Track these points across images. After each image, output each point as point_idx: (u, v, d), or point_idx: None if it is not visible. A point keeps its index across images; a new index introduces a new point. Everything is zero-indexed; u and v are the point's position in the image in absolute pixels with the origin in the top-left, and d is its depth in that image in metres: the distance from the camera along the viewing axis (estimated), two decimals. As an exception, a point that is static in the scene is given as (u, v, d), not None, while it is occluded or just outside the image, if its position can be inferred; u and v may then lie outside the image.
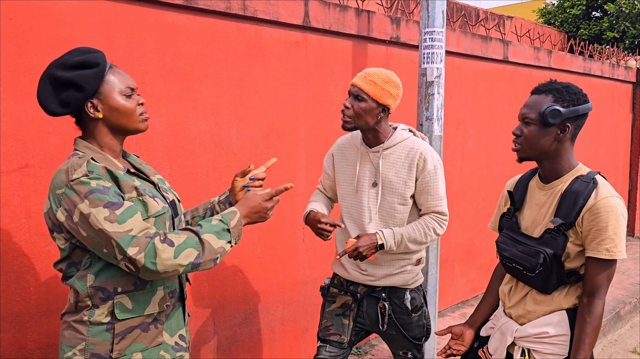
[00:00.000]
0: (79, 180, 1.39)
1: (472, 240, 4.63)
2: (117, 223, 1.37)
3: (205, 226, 1.48)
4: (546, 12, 10.29)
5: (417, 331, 2.21)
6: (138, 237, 1.38)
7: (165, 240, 1.40)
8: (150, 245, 1.37)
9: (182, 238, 1.42)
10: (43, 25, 2.11)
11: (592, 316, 1.60)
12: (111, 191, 1.41)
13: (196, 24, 2.59)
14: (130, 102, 1.52)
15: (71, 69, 1.45)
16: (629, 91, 7.02)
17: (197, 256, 1.42)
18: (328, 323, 2.23)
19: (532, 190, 1.80)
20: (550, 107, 1.63)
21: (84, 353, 1.49)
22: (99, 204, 1.37)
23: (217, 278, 2.79)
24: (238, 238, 1.53)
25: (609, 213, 1.57)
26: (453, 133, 4.27)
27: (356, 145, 2.17)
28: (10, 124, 2.05)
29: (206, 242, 1.44)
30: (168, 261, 1.38)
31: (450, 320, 4.19)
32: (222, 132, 2.74)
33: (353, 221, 2.17)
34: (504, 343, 1.79)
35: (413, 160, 2.07)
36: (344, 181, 2.20)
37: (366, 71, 2.05)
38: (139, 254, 1.36)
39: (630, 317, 4.63)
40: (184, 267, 1.41)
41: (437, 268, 3.15)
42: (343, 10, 3.23)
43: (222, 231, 1.49)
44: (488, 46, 4.49)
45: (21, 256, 2.12)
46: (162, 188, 1.66)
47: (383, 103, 2.01)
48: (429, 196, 2.09)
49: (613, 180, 6.82)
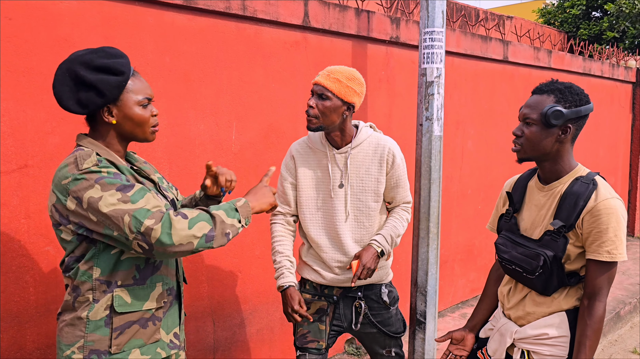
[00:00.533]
0: (89, 169, 1.41)
1: (471, 240, 4.63)
2: (130, 202, 1.39)
3: (214, 207, 1.51)
4: (546, 12, 10.29)
5: (397, 326, 2.21)
6: (153, 211, 1.40)
7: (179, 213, 1.43)
8: (165, 216, 1.40)
9: (195, 213, 1.45)
10: (42, 26, 2.10)
11: (593, 318, 1.59)
12: (122, 177, 1.44)
13: (196, 24, 2.58)
14: (145, 113, 1.54)
15: (95, 71, 1.45)
16: (629, 91, 7.02)
17: (211, 230, 1.45)
18: (304, 330, 2.18)
19: (531, 191, 1.79)
20: (552, 107, 1.61)
21: (83, 350, 1.49)
22: (111, 187, 1.39)
23: (216, 279, 2.79)
24: (247, 219, 1.56)
25: (609, 215, 1.56)
26: (453, 134, 4.26)
27: (318, 148, 2.10)
28: (9, 124, 2.05)
29: (217, 216, 1.47)
30: (183, 232, 1.39)
31: (450, 320, 4.19)
32: (221, 132, 2.73)
33: (320, 226, 2.11)
34: (503, 344, 1.78)
35: (382, 156, 2.06)
36: (307, 187, 2.12)
37: (328, 69, 1.99)
38: (156, 224, 1.37)
39: (630, 317, 4.63)
40: (198, 239, 1.42)
41: (436, 269, 3.15)
42: (343, 10, 3.22)
43: (231, 210, 1.52)
44: (488, 46, 4.49)
45: (20, 256, 2.11)
46: (162, 187, 1.67)
47: (348, 101, 1.97)
48: (400, 189, 2.12)
49: (613, 180, 6.82)
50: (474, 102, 4.48)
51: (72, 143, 2.21)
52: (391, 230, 2.10)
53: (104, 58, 1.47)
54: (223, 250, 2.79)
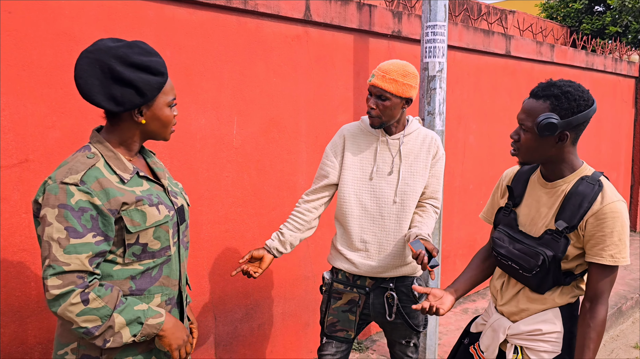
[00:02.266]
0: (67, 186, 1.34)
1: (473, 235, 4.62)
2: (62, 250, 1.32)
3: (128, 306, 1.41)
4: (548, 7, 10.23)
5: (420, 319, 2.24)
6: (67, 273, 1.33)
7: (88, 296, 1.35)
8: (69, 291, 1.33)
9: (99, 304, 1.36)
10: (42, 19, 2.09)
11: (595, 321, 1.57)
12: (85, 216, 1.35)
13: (196, 18, 2.57)
14: (171, 113, 1.51)
15: (134, 68, 1.39)
16: (632, 86, 6.99)
17: (95, 328, 1.36)
18: (334, 319, 2.23)
19: (532, 186, 1.74)
20: (545, 119, 1.54)
21: (76, 352, 1.47)
22: (64, 223, 1.33)
23: (217, 273, 2.79)
24: (144, 337, 1.44)
25: (615, 219, 1.54)
26: (455, 128, 4.25)
27: (371, 132, 2.16)
28: (9, 119, 2.04)
29: (112, 321, 1.38)
30: (69, 314, 1.33)
31: (451, 315, 4.18)
32: (222, 127, 2.72)
33: (362, 207, 2.14)
34: (496, 340, 1.76)
35: (430, 146, 2.17)
36: (354, 166, 2.16)
37: (383, 69, 2.03)
38: (55, 289, 1.32)
39: (632, 312, 4.62)
40: (77, 326, 1.35)
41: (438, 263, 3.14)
42: (344, 4, 3.21)
43: (135, 322, 1.42)
44: (490, 40, 4.47)
45: (21, 251, 2.11)
46: (171, 192, 1.61)
47: (406, 96, 2.05)
48: (434, 180, 2.19)
49: (615, 175, 6.80)
50: (476, 96, 4.46)
51: (73, 138, 2.20)
52: (426, 229, 2.11)
53: (141, 55, 1.40)
54: (224, 245, 2.79)
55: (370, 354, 3.47)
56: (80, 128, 2.22)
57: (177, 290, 1.61)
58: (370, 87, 2.05)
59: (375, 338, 3.71)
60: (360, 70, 3.41)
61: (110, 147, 1.46)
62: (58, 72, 2.14)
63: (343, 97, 3.33)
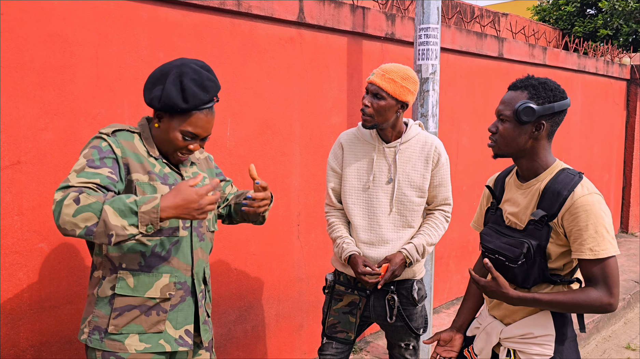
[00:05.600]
0: (101, 134, 1.56)
1: (466, 237, 4.64)
2: (75, 174, 1.46)
3: (118, 199, 1.40)
4: (541, 10, 10.31)
5: (419, 322, 2.25)
6: (70, 187, 1.43)
7: (79, 196, 1.38)
8: (65, 196, 1.39)
9: (90, 200, 1.37)
10: (35, 21, 2.09)
11: (581, 293, 1.57)
12: (108, 158, 1.52)
13: (190, 20, 2.57)
14: (181, 140, 1.60)
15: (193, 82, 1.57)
16: (623, 88, 7.04)
17: (94, 224, 1.36)
18: (335, 321, 2.24)
19: (509, 188, 1.78)
20: (523, 104, 1.60)
21: (90, 325, 1.58)
22: (87, 156, 1.51)
23: (211, 275, 2.78)
24: (149, 226, 1.39)
25: (588, 212, 1.54)
26: (448, 130, 4.27)
27: (367, 140, 2.16)
28: (2, 120, 2.04)
29: (104, 214, 1.36)
30: (67, 217, 1.37)
31: (445, 316, 4.20)
32: (216, 128, 2.72)
33: (362, 217, 2.16)
34: (489, 343, 1.78)
35: (429, 154, 2.14)
36: (351, 176, 2.17)
37: (384, 68, 2.04)
38: (58, 198, 1.40)
39: (624, 313, 4.65)
40: (80, 229, 1.37)
41: (432, 265, 3.16)
42: (338, 7, 3.22)
43: (128, 212, 1.38)
44: (483, 43, 4.49)
45: (13, 253, 2.10)
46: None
47: (402, 100, 2.03)
48: (442, 188, 2.18)
49: (607, 176, 6.85)
50: (469, 98, 4.49)
51: (66, 139, 2.19)
52: (425, 239, 2.14)
53: (210, 78, 1.60)
54: (217, 247, 2.79)
55: (365, 356, 3.47)
56: (73, 130, 2.22)
57: (189, 275, 1.67)
58: (368, 84, 2.05)
59: (369, 339, 3.72)
60: (353, 72, 3.42)
61: (148, 132, 1.65)
62: (51, 74, 2.14)
63: (336, 99, 3.34)
